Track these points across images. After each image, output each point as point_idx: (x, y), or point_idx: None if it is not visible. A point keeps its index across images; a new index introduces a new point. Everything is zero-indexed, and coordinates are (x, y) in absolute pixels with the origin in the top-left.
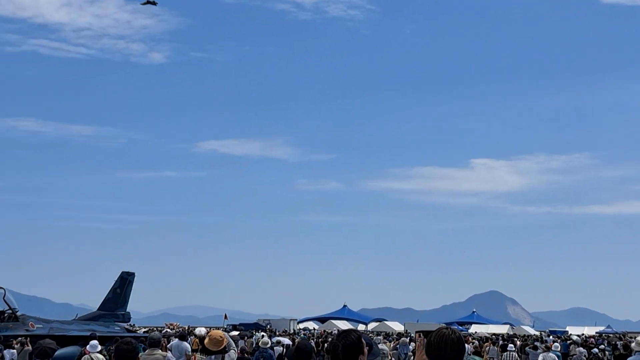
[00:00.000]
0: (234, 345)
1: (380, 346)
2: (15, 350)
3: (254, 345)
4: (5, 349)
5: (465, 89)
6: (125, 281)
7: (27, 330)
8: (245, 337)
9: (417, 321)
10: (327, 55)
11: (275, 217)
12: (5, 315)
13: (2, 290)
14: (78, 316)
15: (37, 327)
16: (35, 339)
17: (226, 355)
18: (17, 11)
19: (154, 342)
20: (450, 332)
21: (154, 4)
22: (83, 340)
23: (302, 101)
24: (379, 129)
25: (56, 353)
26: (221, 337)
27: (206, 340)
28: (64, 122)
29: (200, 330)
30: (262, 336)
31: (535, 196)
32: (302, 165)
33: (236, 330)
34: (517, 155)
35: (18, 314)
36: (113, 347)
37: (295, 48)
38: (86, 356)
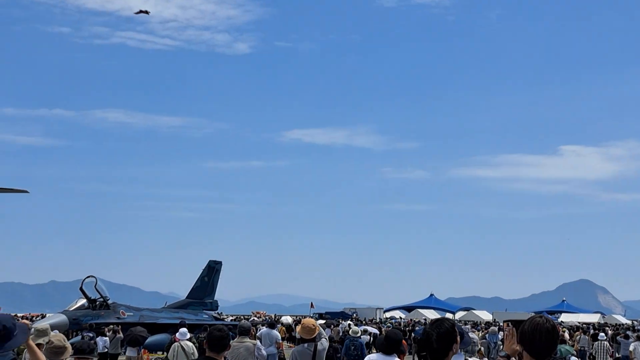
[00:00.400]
0: (324, 334)
1: (470, 335)
2: (107, 338)
3: (340, 334)
4: (97, 337)
5: (553, 75)
6: (212, 270)
7: (118, 318)
8: (332, 326)
9: (506, 310)
10: (412, 42)
11: (361, 206)
12: (97, 303)
13: (94, 279)
14: (167, 304)
15: (127, 315)
16: (126, 326)
17: (318, 343)
18: (105, 4)
19: (244, 330)
20: (545, 321)
21: (147, 12)
22: (173, 328)
23: (387, 89)
24: (465, 116)
25: (147, 340)
26: (313, 325)
27: (299, 328)
28: (151, 113)
29: (287, 319)
30: (349, 325)
31: (626, 183)
32: (387, 153)
33: (322, 319)
34: (608, 142)
35: (109, 302)
36: (202, 335)
37: (379, 36)
38: (176, 343)
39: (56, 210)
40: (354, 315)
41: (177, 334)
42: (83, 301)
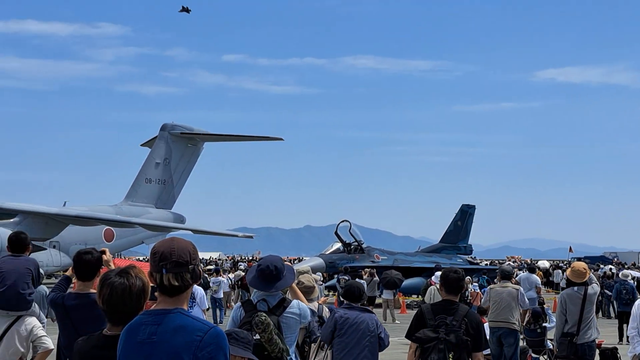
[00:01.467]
0: (595, 279)
1: None
2: (364, 281)
3: (601, 279)
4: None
5: None
6: (465, 214)
7: (372, 262)
8: (592, 270)
9: None
10: None
11: (619, 147)
12: (352, 247)
13: (348, 224)
14: (420, 248)
15: (382, 259)
16: (381, 270)
17: (589, 287)
18: None
19: (507, 274)
20: None
21: (188, 11)
22: (427, 272)
23: None
24: None
25: (403, 283)
26: (584, 269)
27: (568, 272)
28: (401, 58)
29: (544, 263)
30: (611, 269)
31: None
32: None
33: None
34: None
35: (364, 246)
36: None
37: None
38: (432, 287)
39: (310, 157)
40: (615, 259)
41: (432, 278)
42: (338, 245)
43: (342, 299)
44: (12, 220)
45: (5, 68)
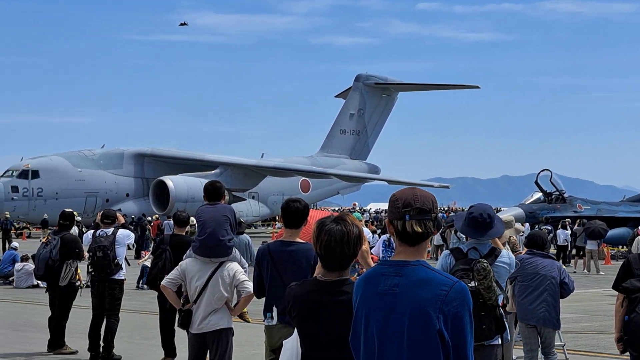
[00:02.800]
0: None
1: None
2: (575, 230)
3: None
4: (559, 229)
5: None
6: None
7: (574, 212)
8: None
9: None
10: None
11: None
12: (553, 197)
13: (549, 173)
14: (625, 198)
15: (584, 209)
16: (583, 220)
17: None
18: None
19: None
20: None
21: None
22: (633, 222)
23: None
24: None
25: (607, 233)
26: None
27: None
28: (602, 1)
29: None
30: None
31: None
32: None
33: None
34: None
35: (565, 195)
36: None
37: None
38: (639, 237)
39: (507, 105)
40: None
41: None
42: (538, 195)
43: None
44: (213, 171)
45: (203, 24)
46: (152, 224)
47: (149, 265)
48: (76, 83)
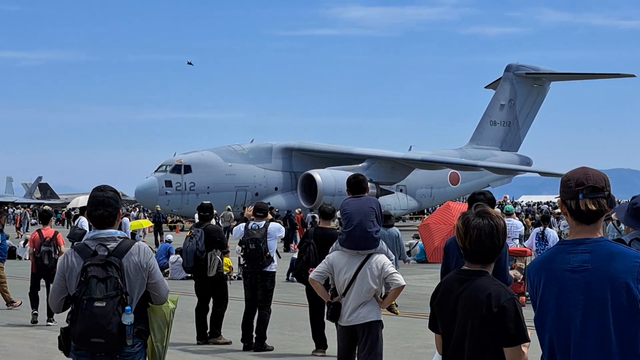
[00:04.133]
0: None
1: None
2: None
3: None
4: None
5: None
6: None
7: None
8: None
9: None
10: None
11: None
12: None
13: None
14: None
15: None
16: None
17: None
18: None
19: None
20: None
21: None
22: None
23: None
24: None
25: None
26: None
27: None
28: None
29: None
30: None
31: None
32: None
33: None
34: None
35: None
36: None
37: None
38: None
39: None
40: None
41: None
42: None
43: None
44: (360, 165)
45: (349, 17)
46: (295, 218)
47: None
48: (226, 79)
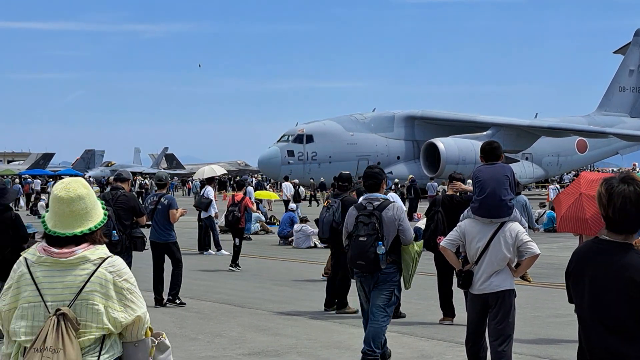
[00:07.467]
0: None
1: None
2: None
3: None
4: None
5: None
6: None
7: None
8: None
9: None
10: None
11: None
12: None
13: None
14: None
15: None
16: None
17: None
18: None
19: None
20: None
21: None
22: None
23: None
24: None
25: None
26: None
27: None
28: None
29: None
30: None
31: None
32: None
33: None
34: None
35: None
36: None
37: None
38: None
39: None
40: None
41: None
42: None
43: None
44: (485, 132)
45: None
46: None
47: (421, 227)
48: (349, 48)
